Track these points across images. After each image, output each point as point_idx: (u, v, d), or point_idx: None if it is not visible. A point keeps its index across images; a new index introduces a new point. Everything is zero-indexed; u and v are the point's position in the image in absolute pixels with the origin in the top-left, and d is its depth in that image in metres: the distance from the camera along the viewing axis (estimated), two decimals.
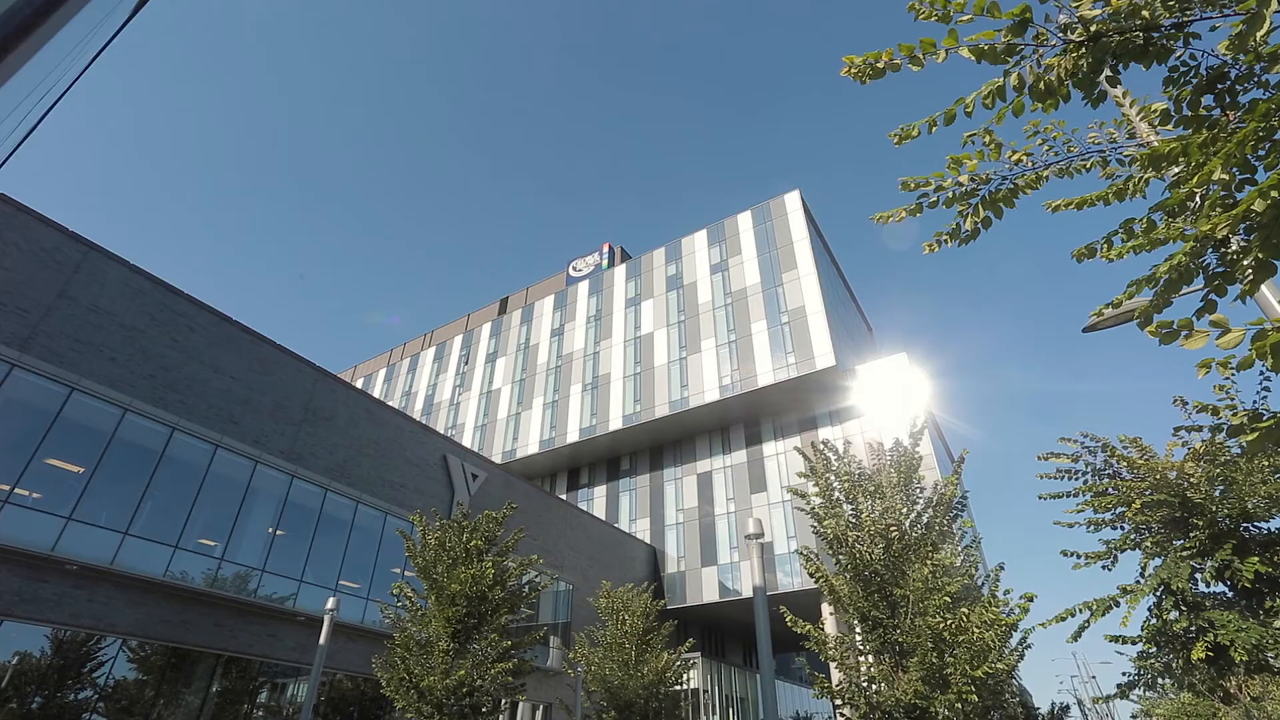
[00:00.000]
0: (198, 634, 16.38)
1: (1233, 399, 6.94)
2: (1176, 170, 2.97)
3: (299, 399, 20.50)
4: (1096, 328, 6.47)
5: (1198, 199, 2.96)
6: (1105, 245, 3.32)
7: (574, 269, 51.82)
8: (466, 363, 52.52)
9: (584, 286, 48.66)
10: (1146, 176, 3.25)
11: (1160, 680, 8.78)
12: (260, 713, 18.07)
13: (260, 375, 19.61)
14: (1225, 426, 6.73)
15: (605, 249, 51.46)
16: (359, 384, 60.21)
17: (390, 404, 29.79)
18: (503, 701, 15.78)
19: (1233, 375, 6.82)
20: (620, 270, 47.28)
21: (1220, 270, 2.91)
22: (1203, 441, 7.91)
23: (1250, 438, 3.32)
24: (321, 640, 11.89)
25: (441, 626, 14.23)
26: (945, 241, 3.76)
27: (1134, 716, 27.63)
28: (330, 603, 12.39)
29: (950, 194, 3.58)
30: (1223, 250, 2.93)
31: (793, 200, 40.66)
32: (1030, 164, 3.54)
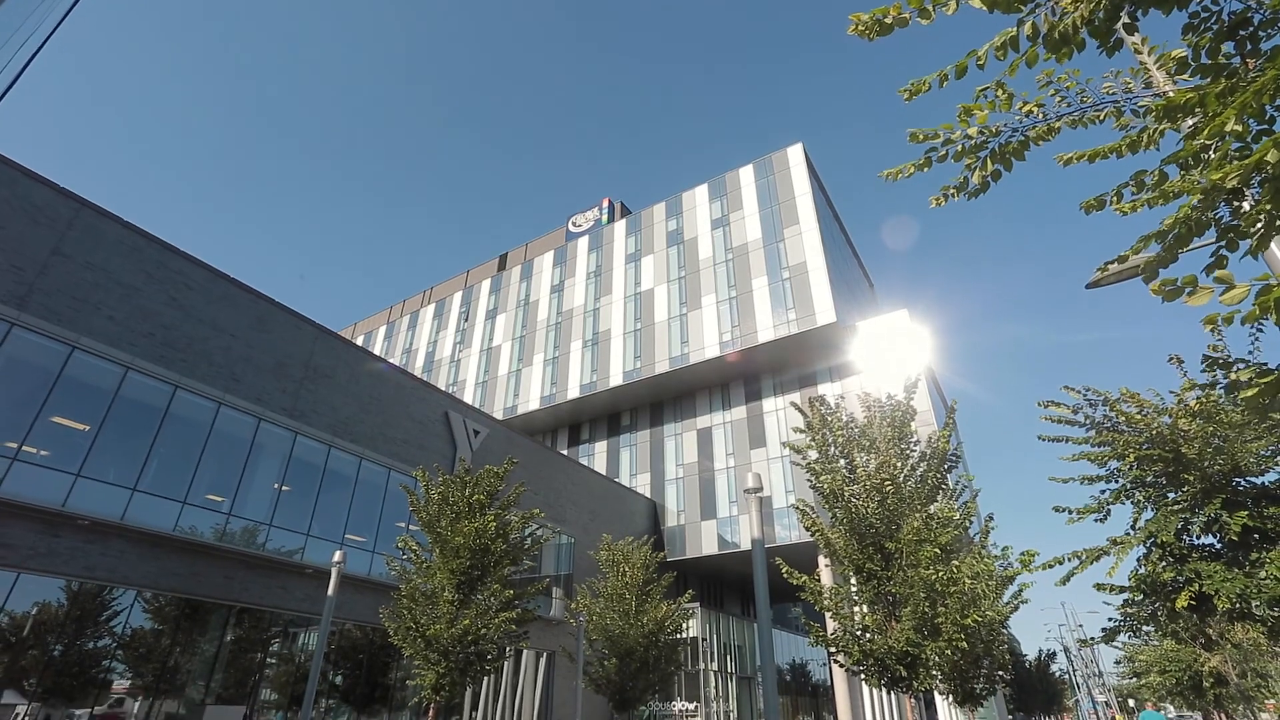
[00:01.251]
0: (209, 586, 16.80)
1: (1228, 358, 6.93)
2: (1192, 121, 2.89)
3: (299, 357, 20.52)
4: (1100, 284, 6.42)
5: (1211, 151, 2.89)
6: (1115, 198, 3.25)
7: (573, 224, 51.22)
8: (466, 319, 52.40)
9: (584, 242, 48.17)
10: (1161, 128, 3.16)
11: (1144, 628, 9.03)
12: (274, 660, 18.68)
13: (260, 333, 19.58)
14: (1225, 383, 6.76)
15: (605, 204, 50.75)
16: (359, 341, 60.22)
17: (391, 361, 29.87)
18: (507, 649, 16.28)
19: (1221, 335, 6.80)
20: (620, 226, 46.73)
21: (1232, 225, 2.86)
22: (1198, 399, 7.94)
23: (1250, 392, 3.33)
24: (330, 592, 12.20)
25: (446, 578, 14.58)
26: (952, 195, 3.69)
27: (1118, 662, 28.60)
28: (337, 556, 12.68)
29: (960, 147, 3.49)
30: (1235, 204, 2.87)
31: (795, 154, 39.89)
32: (1042, 115, 3.44)
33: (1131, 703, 46.71)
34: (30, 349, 14.80)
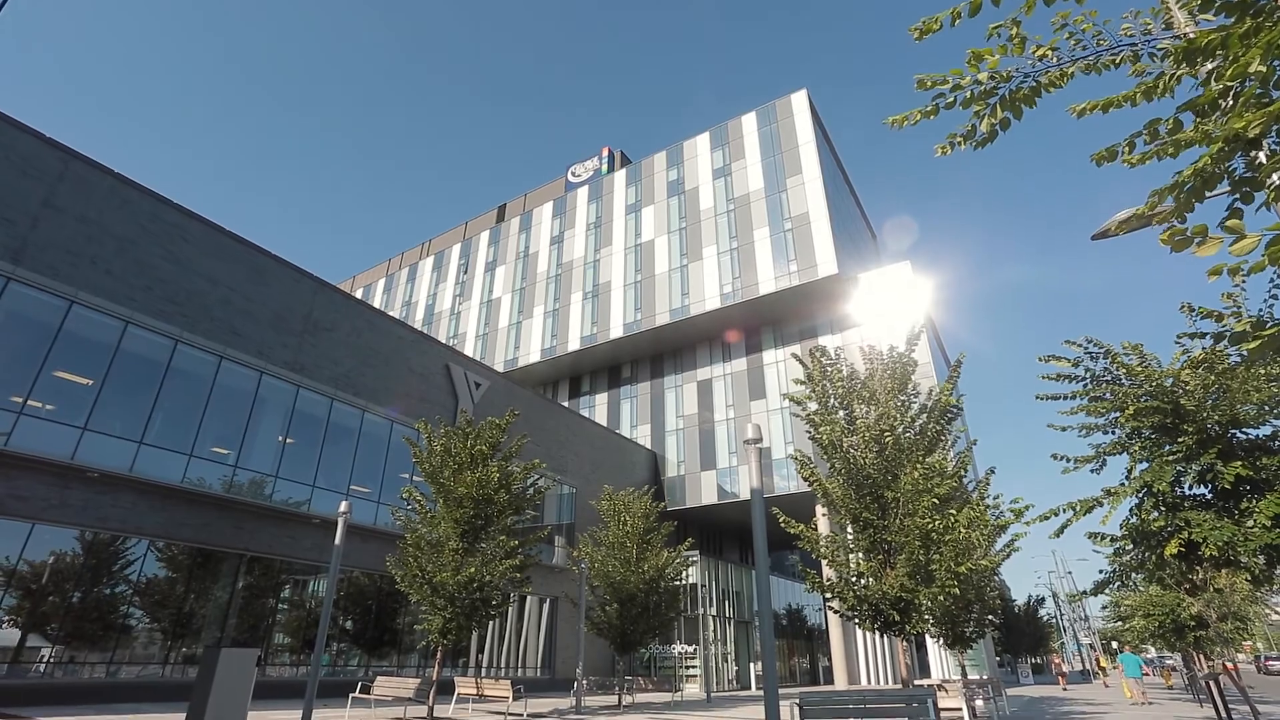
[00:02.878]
0: (219, 535, 17.18)
1: (1239, 307, 6.88)
2: (1212, 65, 2.78)
3: (299, 310, 20.46)
4: (1107, 234, 6.32)
5: (1231, 98, 2.79)
6: (1127, 148, 3.16)
7: (573, 174, 50.28)
8: (466, 272, 52.01)
9: (583, 193, 47.39)
10: (1179, 73, 3.04)
11: (1132, 575, 9.24)
12: (285, 606, 19.26)
13: (259, 286, 19.47)
14: (1228, 334, 6.71)
15: (605, 153, 49.71)
16: (358, 294, 59.91)
17: (391, 314, 29.72)
18: (511, 595, 16.76)
19: (1243, 283, 6.72)
20: (620, 176, 45.88)
21: (1246, 177, 2.78)
22: (1203, 349, 7.92)
23: (1252, 345, 3.30)
24: (337, 541, 12.47)
25: (450, 528, 14.89)
26: (959, 144, 3.58)
27: (1104, 607, 29.47)
28: (343, 506, 12.91)
29: (969, 93, 3.37)
30: (1251, 154, 2.79)
31: (799, 101, 38.83)
32: (1055, 59, 3.31)
33: (1115, 645, 48.37)
34: (28, 304, 14.74)
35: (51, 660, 14.38)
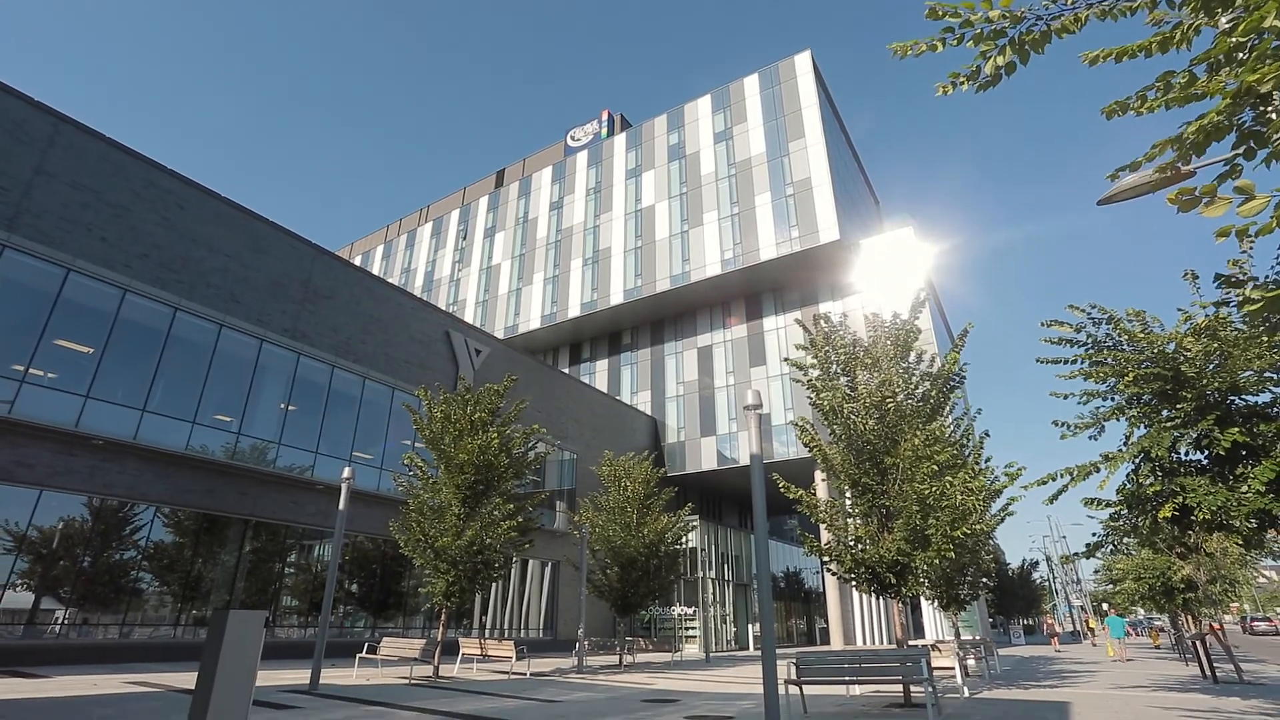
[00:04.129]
0: (224, 501, 17.38)
1: (1246, 273, 6.81)
2: (1231, 16, 2.69)
3: (298, 277, 20.35)
4: (1113, 199, 6.23)
5: (1246, 51, 2.70)
6: (1139, 101, 3.08)
7: (572, 138, 49.47)
8: (465, 238, 51.58)
9: (583, 157, 46.70)
10: (1197, 24, 2.94)
11: (1125, 540, 9.34)
12: (291, 570, 19.59)
13: (256, 254, 19.33)
14: (1234, 298, 6.67)
15: (604, 116, 48.82)
16: (357, 261, 59.52)
17: (390, 281, 29.51)
18: (512, 559, 17.03)
19: (1250, 248, 6.65)
20: (620, 140, 45.15)
21: (1253, 130, 2.72)
22: (1207, 316, 7.88)
23: (1253, 307, 3.28)
24: (341, 506, 12.62)
25: (452, 493, 15.05)
26: (961, 84, 3.48)
27: (1096, 571, 30.00)
28: (346, 472, 13.02)
29: (978, 31, 3.27)
30: (1261, 109, 2.72)
31: (803, 62, 37.97)
32: (1070, 2, 3.20)
33: (1105, 606, 49.41)
34: (26, 272, 14.66)
35: (65, 622, 14.69)
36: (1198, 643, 15.52)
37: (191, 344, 17.44)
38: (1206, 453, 7.83)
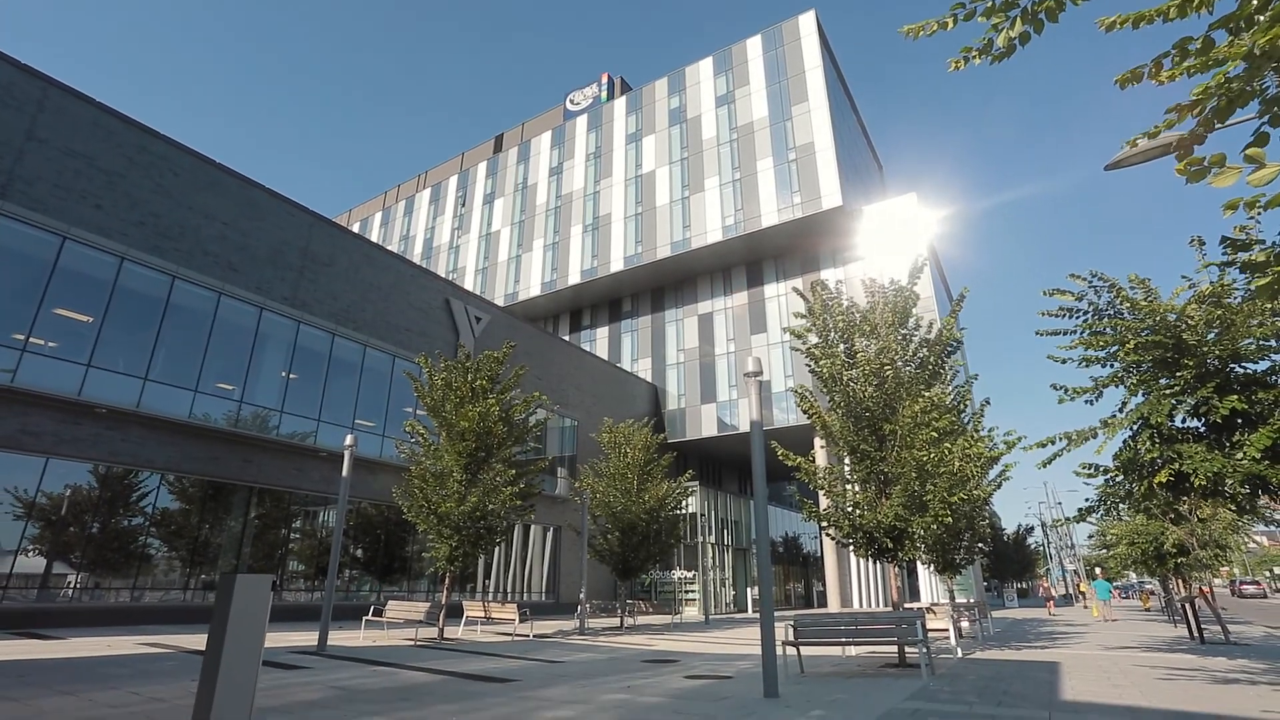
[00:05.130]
0: (228, 469, 17.55)
1: (1253, 238, 6.73)
2: None
3: (296, 244, 20.21)
4: (1121, 164, 6.14)
5: (1269, 13, 2.63)
6: (1154, 68, 3.01)
7: (571, 103, 48.53)
8: (463, 204, 51.03)
9: (582, 121, 45.90)
10: None
11: (1119, 505, 9.42)
12: (297, 536, 19.89)
13: (253, 221, 19.16)
14: (1240, 261, 6.58)
15: (604, 79, 47.81)
16: (355, 229, 58.97)
17: (389, 249, 29.23)
18: (514, 524, 17.28)
19: (1259, 215, 6.57)
20: (620, 103, 44.32)
21: (1278, 97, 2.65)
22: (1211, 284, 7.83)
23: (1263, 281, 3.25)
24: (344, 473, 12.74)
25: (453, 460, 15.19)
26: (974, 59, 3.41)
27: (1090, 536, 30.44)
28: (348, 439, 13.12)
29: (990, 4, 3.18)
30: None
31: (807, 23, 37.03)
32: None
33: (1098, 571, 50.27)
34: (21, 240, 14.55)
35: (78, 586, 14.98)
36: (1187, 605, 15.83)
37: (191, 312, 17.40)
38: (1204, 420, 7.85)
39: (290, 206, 20.33)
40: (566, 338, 42.99)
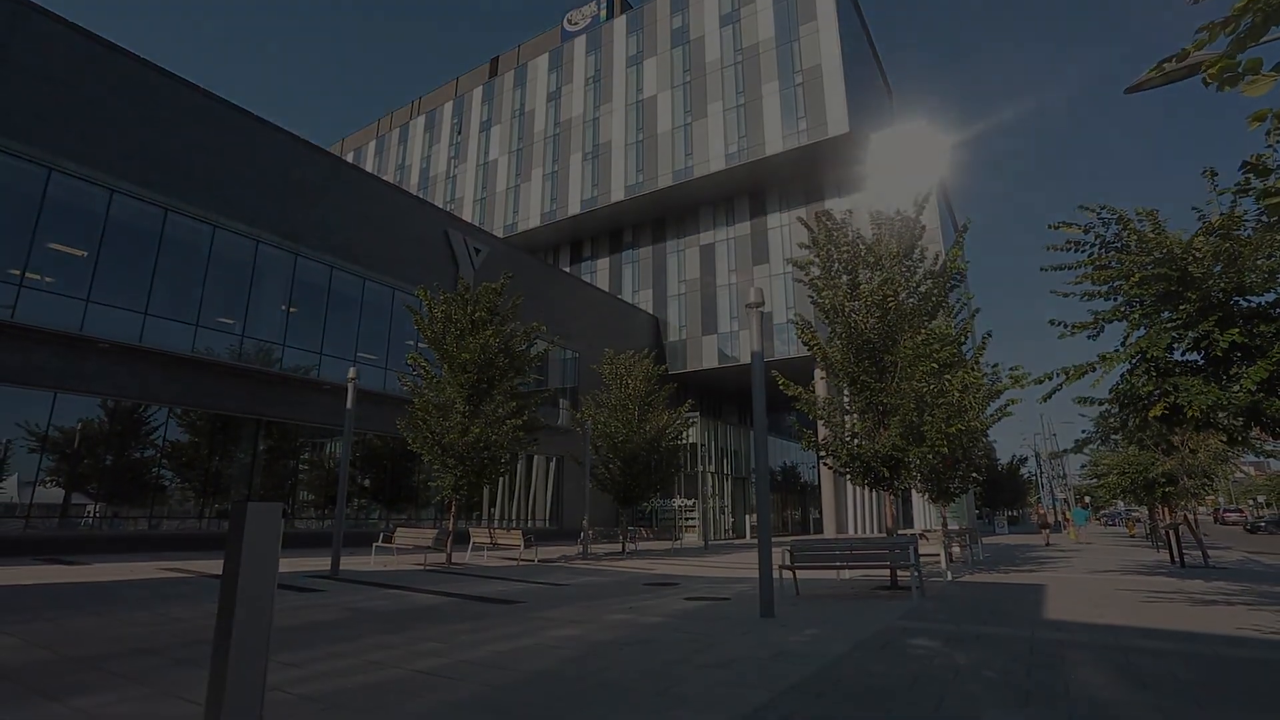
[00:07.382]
0: (234, 402, 17.77)
1: (1269, 168, 6.52)
2: None
3: (290, 176, 19.75)
4: (1142, 87, 5.89)
5: None
6: None
7: (569, 22, 46.26)
8: (459, 132, 49.52)
9: (580, 43, 43.92)
10: None
11: (1113, 436, 9.55)
12: (305, 467, 20.35)
13: (244, 151, 18.67)
14: (1255, 184, 6.40)
15: None
16: (349, 159, 57.46)
17: (385, 179, 28.54)
18: (517, 454, 17.64)
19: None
20: (620, 23, 42.26)
21: None
22: (1221, 214, 7.65)
23: (1274, 199, 3.18)
24: (348, 405, 12.91)
25: (456, 392, 15.35)
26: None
27: (1083, 466, 31.07)
28: (351, 372, 13.24)
29: None
30: None
31: None
32: None
33: (1087, 499, 51.54)
34: (6, 172, 14.21)
35: (96, 515, 15.46)
36: (1170, 532, 16.32)
37: (187, 246, 17.20)
38: (1203, 354, 7.85)
39: (283, 136, 19.76)
40: (567, 269, 42.61)
